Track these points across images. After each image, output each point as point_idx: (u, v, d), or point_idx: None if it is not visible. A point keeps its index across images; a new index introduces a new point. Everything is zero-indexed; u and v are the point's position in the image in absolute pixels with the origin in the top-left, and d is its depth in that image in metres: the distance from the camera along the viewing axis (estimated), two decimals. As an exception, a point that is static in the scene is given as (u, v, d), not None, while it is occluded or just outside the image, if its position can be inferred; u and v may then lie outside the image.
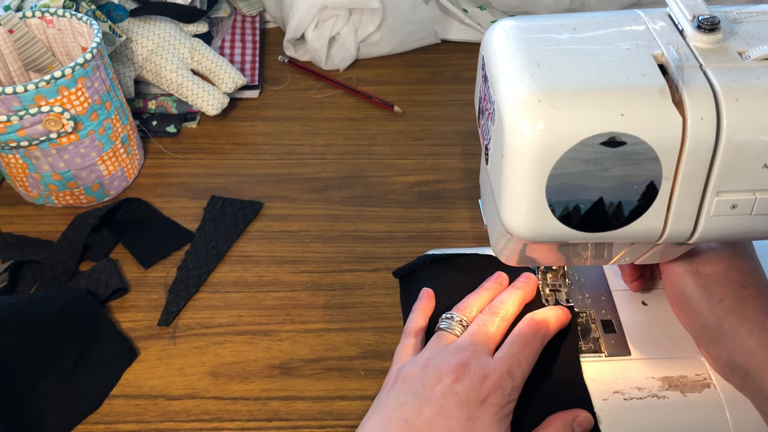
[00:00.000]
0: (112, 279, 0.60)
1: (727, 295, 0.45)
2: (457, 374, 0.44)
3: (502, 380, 0.44)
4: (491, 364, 0.45)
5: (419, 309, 0.53)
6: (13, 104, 0.59)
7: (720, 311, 0.45)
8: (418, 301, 0.54)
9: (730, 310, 0.44)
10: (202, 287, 0.61)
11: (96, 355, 0.55)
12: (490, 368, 0.44)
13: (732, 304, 0.44)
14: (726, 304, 0.45)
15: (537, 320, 0.48)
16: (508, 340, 0.47)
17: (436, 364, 0.45)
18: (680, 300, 0.47)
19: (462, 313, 0.50)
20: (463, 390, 0.43)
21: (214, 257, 0.64)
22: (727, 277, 0.45)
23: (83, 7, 0.71)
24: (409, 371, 0.46)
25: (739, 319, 0.44)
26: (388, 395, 0.45)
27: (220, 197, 0.69)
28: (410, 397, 0.44)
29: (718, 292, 0.45)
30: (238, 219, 0.67)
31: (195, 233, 0.66)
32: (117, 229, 0.66)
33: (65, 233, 0.64)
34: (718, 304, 0.45)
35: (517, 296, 0.51)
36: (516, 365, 0.45)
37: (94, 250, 0.64)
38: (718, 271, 0.46)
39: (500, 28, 0.40)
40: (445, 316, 0.50)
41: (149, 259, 0.63)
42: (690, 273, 0.46)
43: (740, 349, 0.44)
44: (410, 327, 0.52)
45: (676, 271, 0.47)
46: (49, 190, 0.67)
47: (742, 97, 0.35)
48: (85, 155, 0.65)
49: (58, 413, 0.51)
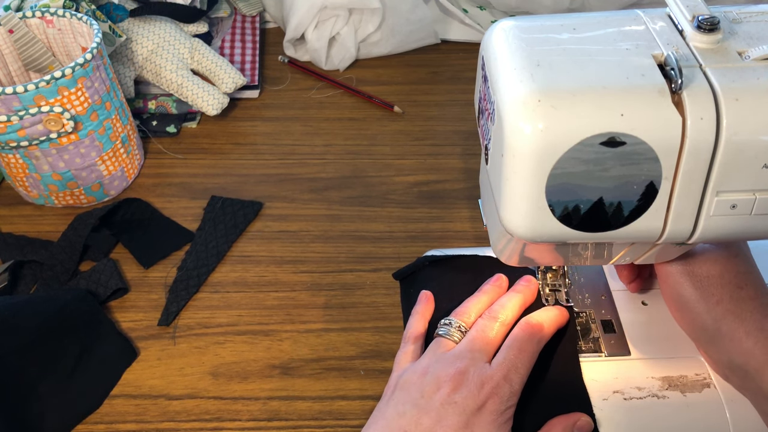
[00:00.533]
0: (112, 279, 0.60)
1: (724, 296, 0.45)
2: (455, 383, 0.44)
3: (499, 387, 0.44)
4: (488, 371, 0.45)
5: (418, 313, 0.53)
6: (13, 104, 0.59)
7: (717, 313, 0.45)
8: (417, 305, 0.54)
9: (728, 311, 0.44)
10: (202, 287, 0.61)
11: (96, 355, 0.55)
12: (487, 375, 0.44)
13: (729, 306, 0.44)
14: (723, 306, 0.45)
15: (532, 323, 0.48)
16: (505, 346, 0.47)
17: (435, 372, 0.45)
18: (677, 302, 0.47)
19: (461, 318, 0.49)
20: (461, 399, 0.43)
21: (214, 257, 0.64)
22: (723, 279, 0.45)
23: (83, 7, 0.71)
24: (408, 379, 0.46)
25: (737, 321, 0.44)
26: (387, 405, 0.45)
27: (220, 197, 0.69)
28: (409, 406, 0.44)
29: (714, 294, 0.45)
30: (238, 219, 0.67)
31: (195, 233, 0.66)
32: (117, 229, 0.66)
33: (65, 233, 0.64)
34: (716, 306, 0.45)
35: (517, 300, 0.51)
36: (513, 370, 0.45)
37: (94, 250, 0.64)
38: (714, 273, 0.46)
39: (500, 28, 0.40)
40: (443, 321, 0.50)
41: (149, 259, 0.63)
42: (686, 275, 0.46)
43: (739, 350, 0.44)
44: (409, 333, 0.51)
45: (671, 274, 0.47)
46: (49, 190, 0.67)
47: (742, 97, 0.35)
48: (85, 155, 0.65)
49: (58, 413, 0.51)
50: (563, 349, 0.50)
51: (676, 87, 0.35)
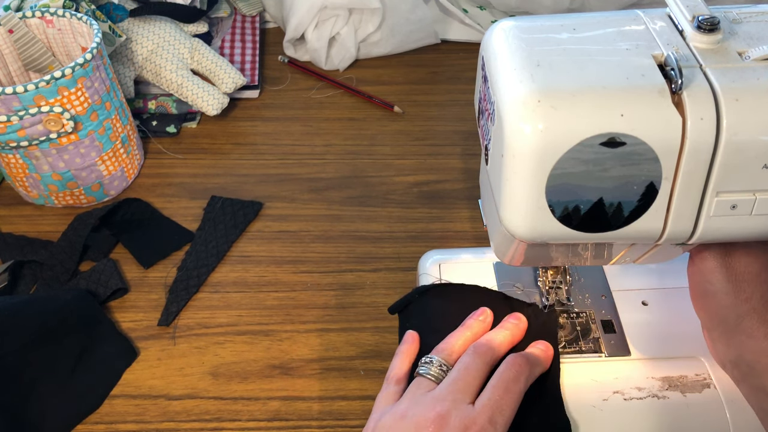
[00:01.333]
0: (112, 279, 0.60)
1: (754, 294, 0.43)
2: (436, 427, 0.41)
3: (484, 430, 0.41)
4: (472, 414, 0.42)
5: (402, 353, 0.50)
6: (13, 104, 0.59)
7: (743, 310, 0.43)
8: (402, 344, 0.51)
9: (754, 310, 0.43)
10: (202, 287, 0.61)
11: (96, 355, 0.55)
12: (470, 418, 0.42)
13: (757, 305, 0.43)
14: (751, 304, 0.43)
15: (519, 362, 0.46)
16: (490, 385, 0.44)
17: (414, 416, 0.42)
18: (703, 290, 0.46)
19: (442, 355, 0.47)
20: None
21: (214, 257, 0.64)
22: (759, 278, 0.44)
23: (83, 7, 0.71)
24: (386, 423, 0.43)
25: (760, 321, 0.43)
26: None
27: (219, 197, 0.69)
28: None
29: (746, 290, 0.44)
30: (239, 219, 0.67)
31: (195, 233, 0.66)
32: (117, 229, 0.66)
33: (65, 233, 0.64)
34: (744, 302, 0.43)
35: (503, 336, 0.48)
36: (498, 412, 0.42)
37: (94, 250, 0.64)
38: (751, 270, 0.44)
39: (500, 29, 0.40)
40: (424, 360, 0.47)
41: (149, 259, 0.63)
42: (722, 267, 0.44)
43: (753, 348, 0.43)
44: (392, 374, 0.48)
45: (707, 260, 0.45)
46: (49, 190, 0.67)
47: (742, 97, 0.35)
48: (85, 155, 0.65)
49: (58, 413, 0.51)
50: (549, 386, 0.48)
51: (676, 87, 0.34)
